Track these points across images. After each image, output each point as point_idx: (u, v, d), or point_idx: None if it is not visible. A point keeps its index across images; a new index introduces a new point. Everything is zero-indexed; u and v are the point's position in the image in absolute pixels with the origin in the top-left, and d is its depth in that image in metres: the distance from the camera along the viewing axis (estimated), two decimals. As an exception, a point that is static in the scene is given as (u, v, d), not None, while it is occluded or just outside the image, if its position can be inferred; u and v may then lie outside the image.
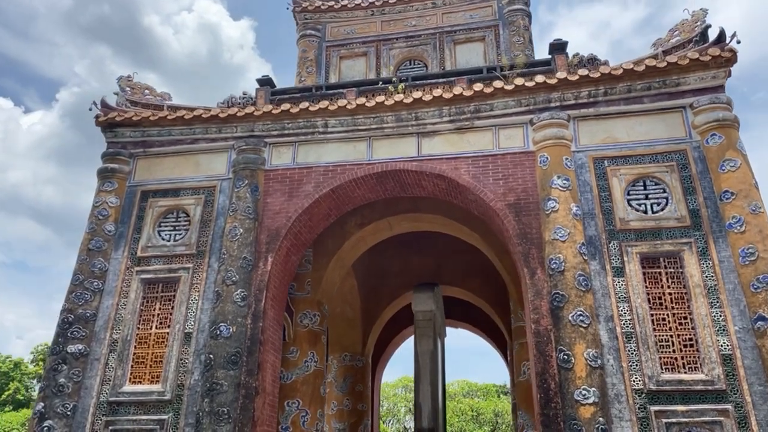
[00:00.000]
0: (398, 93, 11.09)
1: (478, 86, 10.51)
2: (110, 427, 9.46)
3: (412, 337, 20.15)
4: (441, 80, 11.58)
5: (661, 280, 9.11)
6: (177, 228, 10.90)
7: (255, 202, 10.62)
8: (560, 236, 9.29)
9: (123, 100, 12.09)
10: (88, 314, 10.18)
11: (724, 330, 8.52)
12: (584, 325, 8.68)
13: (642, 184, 9.75)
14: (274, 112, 11.09)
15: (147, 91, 12.52)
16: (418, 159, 10.56)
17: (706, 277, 8.89)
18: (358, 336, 16.50)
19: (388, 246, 15.62)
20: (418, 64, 14.50)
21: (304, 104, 11.07)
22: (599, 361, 8.52)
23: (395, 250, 16.68)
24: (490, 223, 10.72)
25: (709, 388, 8.26)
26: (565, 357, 8.55)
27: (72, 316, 10.14)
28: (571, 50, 11.42)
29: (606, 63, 11.15)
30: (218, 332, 9.59)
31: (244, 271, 10.05)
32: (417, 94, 10.66)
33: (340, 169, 10.77)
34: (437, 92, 10.61)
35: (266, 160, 11.08)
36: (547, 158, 9.95)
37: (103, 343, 10.08)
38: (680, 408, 8.22)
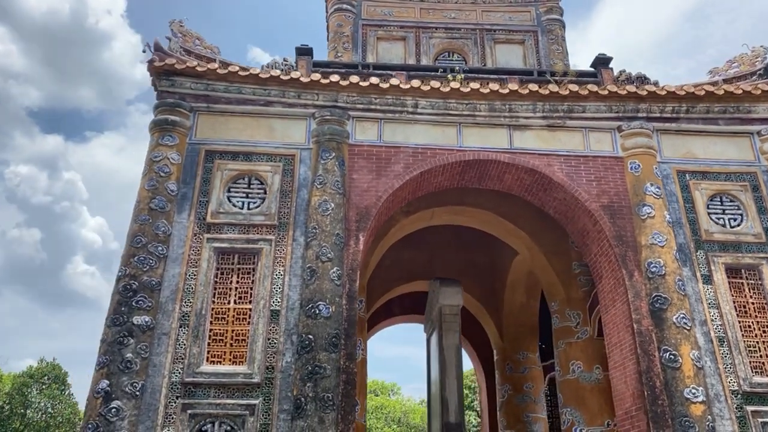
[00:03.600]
0: (455, 82, 10.91)
1: (573, 87, 10.67)
2: (188, 411, 8.37)
3: (382, 331, 19.96)
4: (493, 76, 11.60)
5: (744, 290, 9.79)
6: (250, 195, 9.92)
7: (342, 177, 9.95)
8: (658, 241, 9.67)
9: (177, 46, 10.80)
10: (153, 282, 8.95)
11: (801, 339, 9.35)
12: (687, 327, 9.11)
13: (719, 199, 10.42)
14: (362, 84, 10.47)
15: (197, 41, 11.29)
16: (510, 151, 10.49)
17: (782, 290, 9.71)
18: (352, 327, 15.96)
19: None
20: (457, 57, 14.44)
21: (395, 81, 10.56)
22: (701, 362, 8.98)
23: (388, 242, 16.39)
24: (568, 223, 10.88)
25: (796, 391, 9.02)
26: (672, 357, 8.91)
27: (136, 283, 8.85)
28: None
29: (656, 83, 11.77)
30: (316, 311, 8.85)
31: (337, 249, 9.38)
32: (513, 86, 10.60)
33: (430, 153, 10.41)
34: (533, 87, 10.62)
35: (350, 134, 10.43)
36: (638, 165, 10.32)
37: (171, 317, 8.90)
38: (772, 409, 8.90)
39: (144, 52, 10.41)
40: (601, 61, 12.43)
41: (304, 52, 12.10)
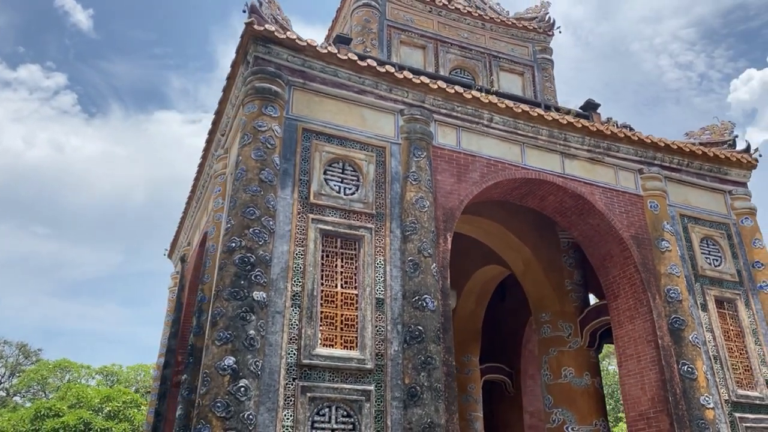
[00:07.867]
0: (488, 98, 11.92)
1: (614, 128, 12.18)
2: (308, 394, 8.18)
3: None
4: (507, 101, 12.83)
5: (727, 319, 11.98)
6: (345, 181, 9.86)
7: (431, 177, 10.33)
8: (675, 272, 11.48)
9: (268, 13, 10.33)
10: (267, 258, 8.58)
11: (764, 361, 11.74)
12: (699, 346, 10.99)
13: (706, 242, 12.60)
14: (448, 90, 10.94)
15: (278, 11, 10.88)
16: (563, 176, 11.66)
17: (750, 321, 12.07)
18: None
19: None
20: (468, 75, 15.34)
21: (476, 93, 11.20)
22: (708, 375, 10.89)
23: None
24: (590, 246, 12.27)
25: (764, 403, 11.31)
26: (689, 369, 10.70)
27: (253, 256, 8.41)
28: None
29: (640, 132, 13.83)
30: (423, 304, 9.15)
31: (433, 245, 9.76)
32: (569, 118, 11.82)
33: (500, 166, 11.20)
34: (584, 121, 11.94)
35: (434, 135, 10.83)
36: (657, 205, 12.11)
37: (283, 295, 8.60)
38: (750, 416, 11.07)
39: (244, 12, 9.85)
40: (591, 106, 14.21)
41: (343, 40, 12.25)
